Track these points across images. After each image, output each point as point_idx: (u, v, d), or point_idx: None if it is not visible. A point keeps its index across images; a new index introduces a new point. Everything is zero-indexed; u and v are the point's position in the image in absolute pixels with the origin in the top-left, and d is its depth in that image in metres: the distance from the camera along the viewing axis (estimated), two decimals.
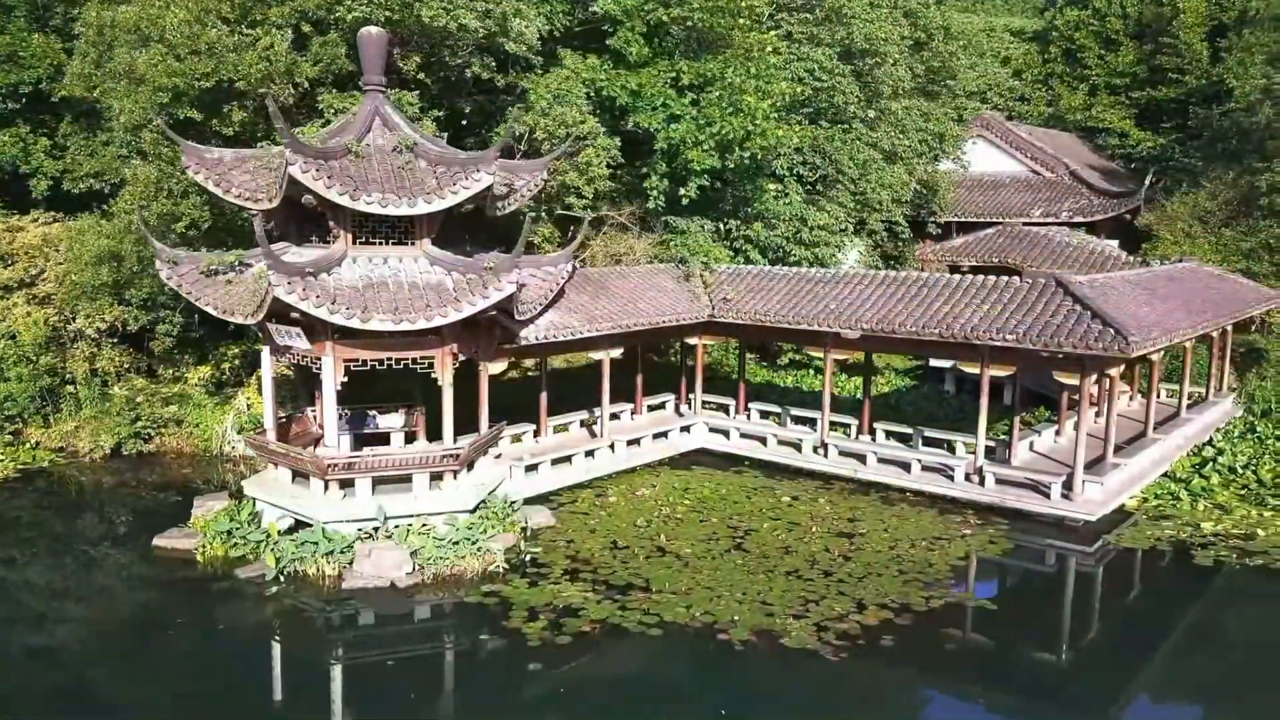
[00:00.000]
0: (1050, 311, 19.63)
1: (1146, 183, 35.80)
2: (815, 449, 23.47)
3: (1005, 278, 21.41)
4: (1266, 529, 19.49)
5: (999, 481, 20.85)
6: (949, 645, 14.86)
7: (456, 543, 17.17)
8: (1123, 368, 21.68)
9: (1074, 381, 19.64)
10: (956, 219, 38.22)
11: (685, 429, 25.15)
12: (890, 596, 15.98)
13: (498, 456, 21.01)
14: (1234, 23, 43.04)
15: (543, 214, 23.90)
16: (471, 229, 21.00)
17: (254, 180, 17.92)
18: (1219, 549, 18.40)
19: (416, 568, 16.71)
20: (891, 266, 34.71)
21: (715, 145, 24.93)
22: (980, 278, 21.68)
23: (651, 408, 25.94)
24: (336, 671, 14.06)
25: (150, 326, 24.92)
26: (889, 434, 23.72)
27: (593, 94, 24.71)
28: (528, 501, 20.09)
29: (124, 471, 23.39)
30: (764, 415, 25.76)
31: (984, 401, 21.10)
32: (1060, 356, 19.35)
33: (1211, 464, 23.50)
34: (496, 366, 20.09)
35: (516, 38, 22.21)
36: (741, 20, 26.19)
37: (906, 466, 22.04)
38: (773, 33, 29.75)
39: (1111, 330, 18.37)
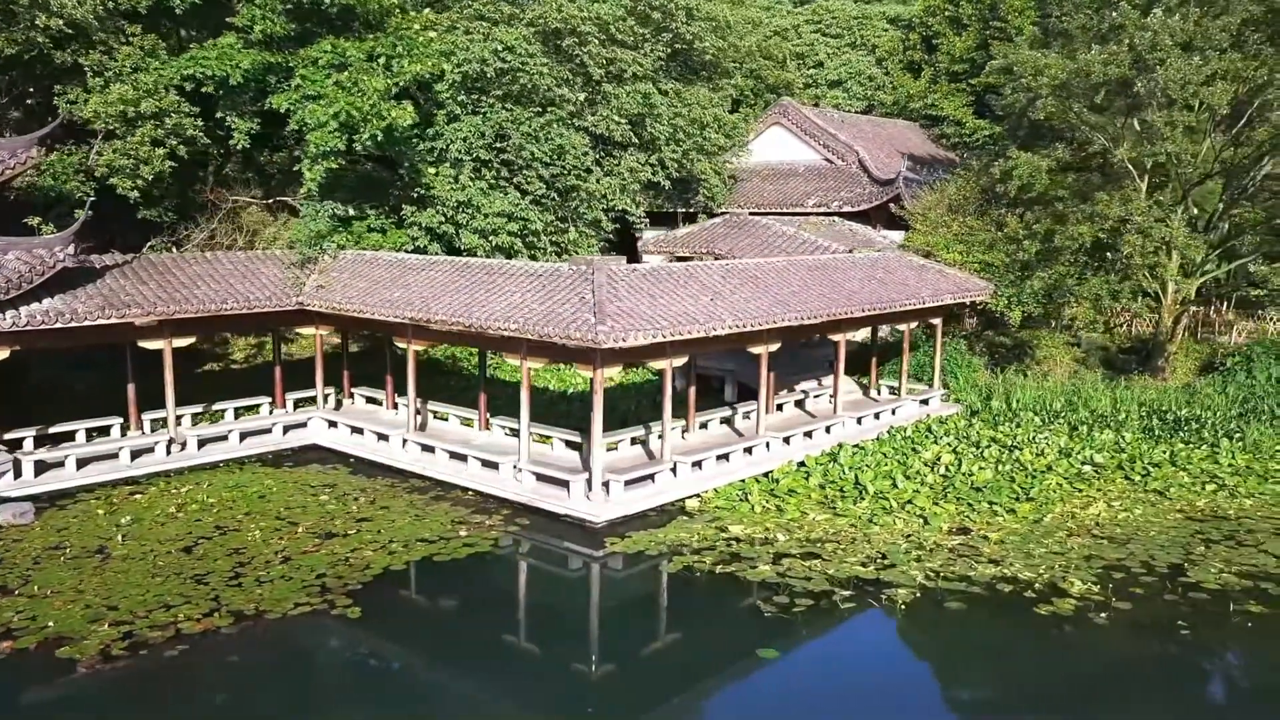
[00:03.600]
0: (565, 301, 18.24)
1: (900, 172, 33.98)
2: (404, 445, 22.20)
3: (557, 265, 20.03)
4: (795, 534, 17.96)
5: (540, 479, 19.48)
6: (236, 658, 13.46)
7: None
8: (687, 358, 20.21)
9: (587, 373, 18.24)
10: (738, 209, 36.66)
11: (298, 425, 23.98)
12: (264, 603, 14.74)
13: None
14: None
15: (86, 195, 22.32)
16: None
17: None
18: (708, 556, 16.92)
19: None
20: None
21: (339, 126, 23.77)
22: (535, 265, 20.32)
23: (301, 403, 24.83)
24: None
25: None
26: (511, 431, 22.38)
27: (188, 75, 23.61)
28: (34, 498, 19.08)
29: None
30: (437, 413, 24.52)
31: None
32: (576, 348, 17.96)
33: (831, 464, 21.95)
34: None
35: (59, 10, 21.21)
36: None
37: (484, 464, 20.68)
38: (449, 13, 28.64)
39: (591, 320, 16.97)
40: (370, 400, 25.78)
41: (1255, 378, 28.88)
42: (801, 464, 22.19)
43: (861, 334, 28.53)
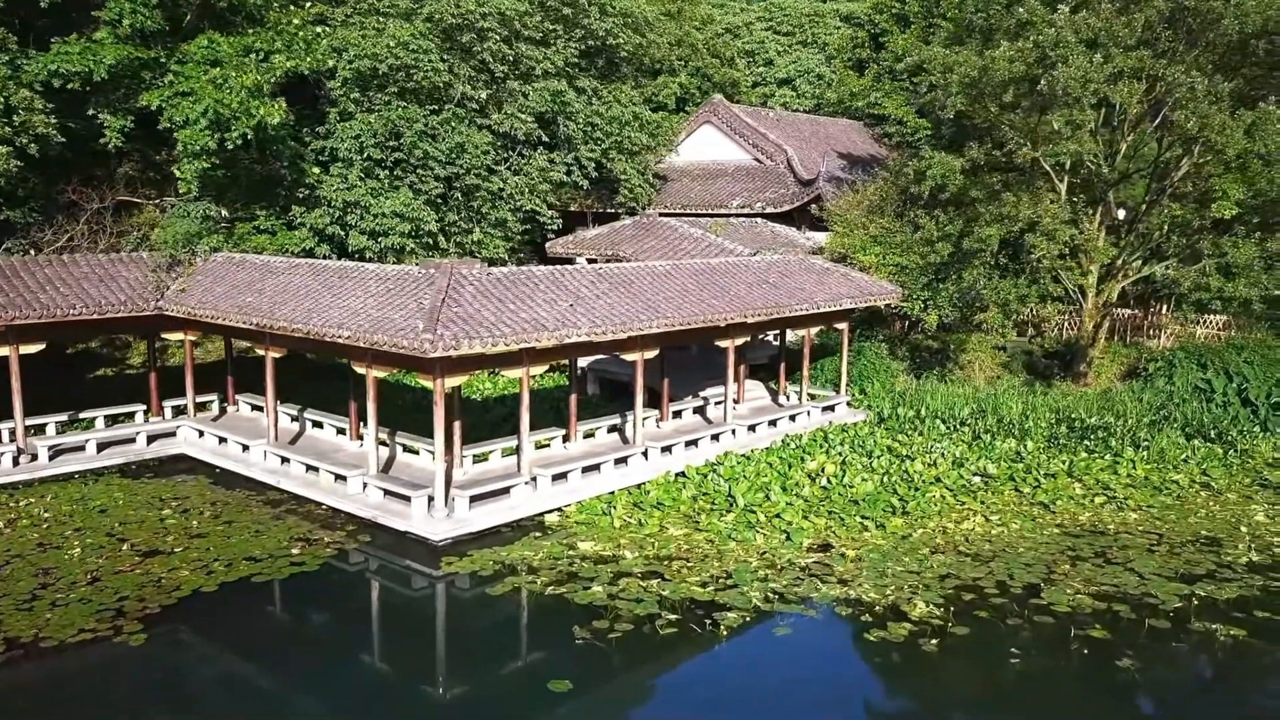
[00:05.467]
0: (403, 306, 17.39)
1: (821, 172, 33.18)
2: (266, 456, 21.33)
3: (409, 268, 19.19)
4: (646, 551, 17.12)
5: (388, 494, 18.63)
6: None
7: None
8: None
9: (428, 383, 17.38)
10: (664, 210, 35.83)
11: (166, 435, 23.10)
12: (47, 629, 13.87)
13: None
14: None
15: None
16: None
17: None
18: (544, 576, 16.07)
19: None
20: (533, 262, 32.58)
21: (209, 124, 22.92)
22: (387, 268, 19.47)
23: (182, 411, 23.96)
24: None
25: None
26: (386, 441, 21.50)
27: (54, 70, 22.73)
28: None
29: None
30: (295, 419, 23.72)
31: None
32: (409, 357, 17.08)
33: (711, 475, 21.12)
34: None
35: None
36: None
37: (338, 477, 19.81)
38: (342, 8, 27.79)
39: (420, 328, 16.12)
40: (256, 408, 24.93)
41: (1175, 384, 28.16)
42: (681, 474, 21.38)
43: (796, 333, 27.57)
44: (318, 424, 23.30)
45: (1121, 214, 29.23)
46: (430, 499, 17.70)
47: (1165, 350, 30.56)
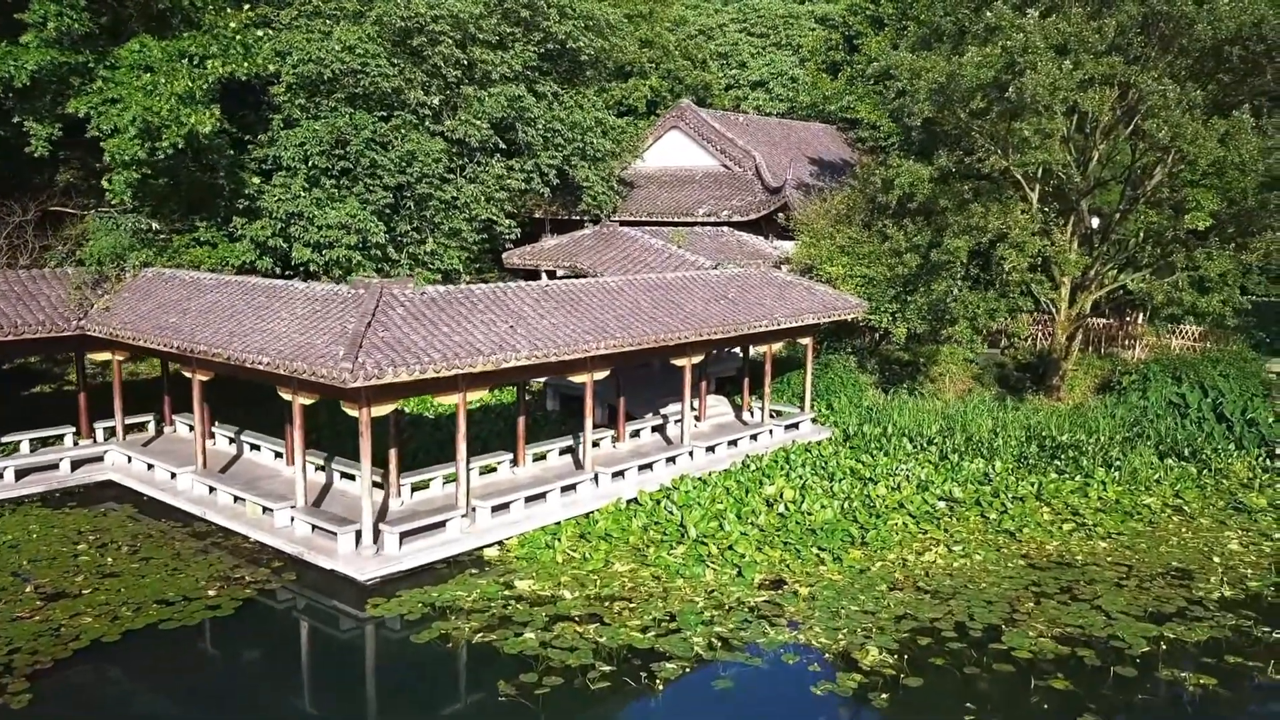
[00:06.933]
0: (326, 331, 16.33)
1: (787, 179, 32.28)
2: (193, 485, 20.21)
3: (338, 287, 18.13)
4: (587, 590, 16.13)
5: (316, 529, 17.56)
6: None
7: None
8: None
9: (352, 413, 16.32)
10: (629, 218, 34.88)
11: (93, 460, 21.96)
12: None
13: None
14: None
15: None
16: None
17: None
18: (475, 620, 15.06)
19: None
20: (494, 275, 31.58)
21: (138, 133, 21.75)
22: (318, 288, 18.40)
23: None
24: None
25: None
26: (325, 466, 20.45)
27: None
28: None
29: None
30: (233, 441, 22.62)
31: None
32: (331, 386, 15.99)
33: (664, 501, 20.16)
34: None
35: None
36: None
37: (265, 508, 18.71)
38: (287, 10, 26.67)
39: (339, 354, 15.07)
40: (194, 428, 23.72)
41: (1149, 398, 27.39)
42: (634, 501, 20.40)
43: (758, 349, 26.58)
44: (255, 447, 22.21)
45: (1095, 222, 28.45)
46: (358, 535, 16.64)
47: (1139, 362, 29.83)
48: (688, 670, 13.59)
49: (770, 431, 24.66)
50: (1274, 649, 14.52)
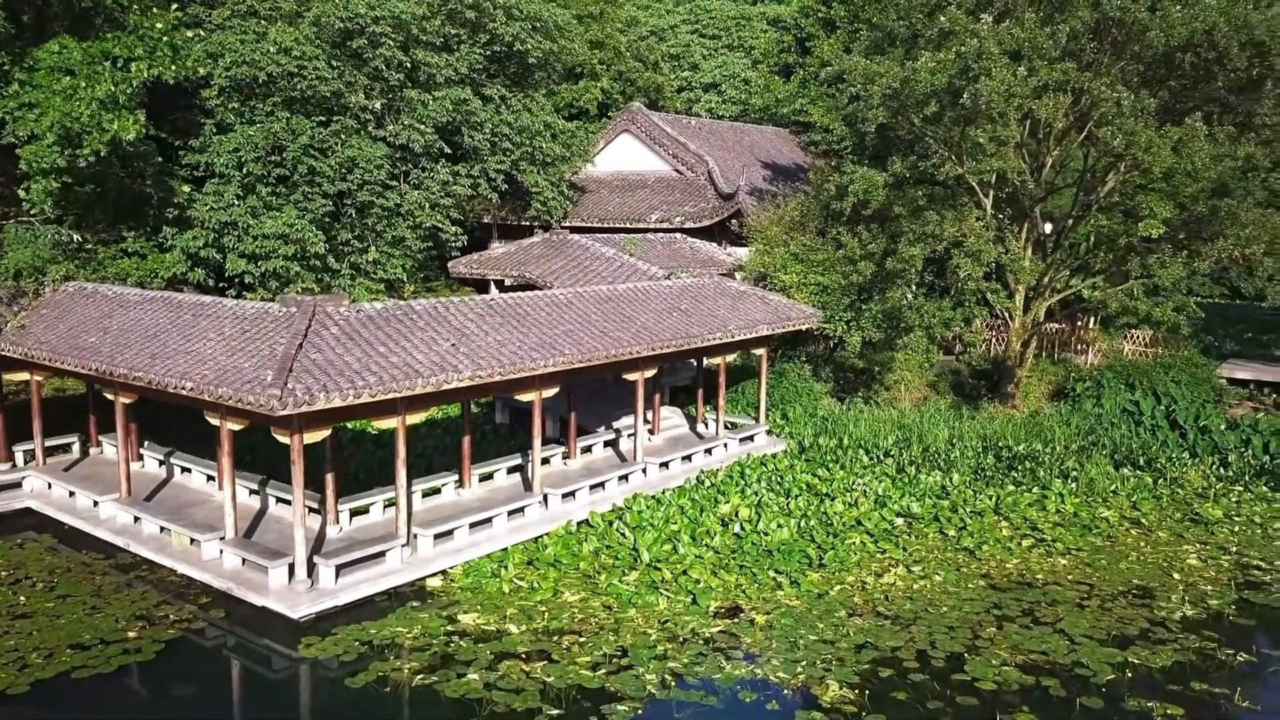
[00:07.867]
0: (254, 353, 15.37)
1: (740, 185, 31.77)
2: (116, 514, 19.08)
3: (269, 305, 17.15)
4: (535, 623, 15.36)
5: (246, 562, 16.57)
6: None
7: None
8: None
9: (284, 439, 15.38)
10: (579, 223, 34.11)
11: (10, 486, 20.68)
12: None
13: None
14: None
15: None
16: None
17: None
18: (415, 660, 14.23)
19: None
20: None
21: (57, 139, 20.55)
22: (248, 306, 17.40)
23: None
24: None
25: None
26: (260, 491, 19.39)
27: None
28: None
29: None
30: (163, 463, 21.47)
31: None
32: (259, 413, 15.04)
33: (617, 522, 19.45)
34: None
35: None
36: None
37: (192, 539, 17.65)
38: (220, 10, 25.51)
39: (267, 380, 14.14)
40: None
41: (1103, 405, 27.29)
42: (585, 523, 19.67)
43: (711, 361, 25.99)
44: (186, 470, 21.10)
45: (1049, 228, 28.29)
46: (291, 568, 15.70)
47: (1093, 368, 29.77)
48: (639, 712, 12.90)
49: (725, 445, 24.08)
50: (1239, 674, 14.22)
